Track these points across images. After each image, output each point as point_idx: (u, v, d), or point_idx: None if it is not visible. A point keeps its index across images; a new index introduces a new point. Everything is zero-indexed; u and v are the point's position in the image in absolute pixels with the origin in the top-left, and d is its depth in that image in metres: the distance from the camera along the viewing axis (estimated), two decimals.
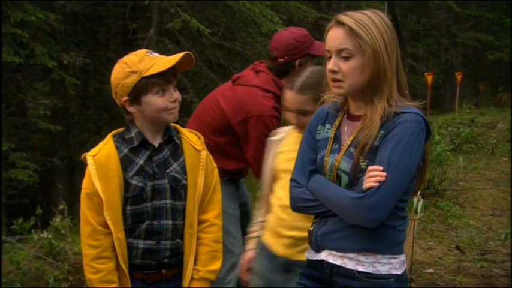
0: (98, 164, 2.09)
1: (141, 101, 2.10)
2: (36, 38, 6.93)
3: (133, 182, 2.11)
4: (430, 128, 1.95)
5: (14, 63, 6.42)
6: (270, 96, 2.90)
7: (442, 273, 4.71)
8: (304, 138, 2.13)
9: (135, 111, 2.13)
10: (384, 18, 1.94)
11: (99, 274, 2.09)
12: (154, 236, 2.15)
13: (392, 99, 1.92)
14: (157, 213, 2.15)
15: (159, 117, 2.13)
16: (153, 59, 2.10)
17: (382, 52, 1.88)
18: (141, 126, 2.15)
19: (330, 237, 2.00)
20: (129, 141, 2.14)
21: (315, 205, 2.02)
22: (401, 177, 1.85)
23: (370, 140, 1.88)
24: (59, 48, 7.56)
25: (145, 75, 2.07)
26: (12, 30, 6.36)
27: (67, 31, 8.38)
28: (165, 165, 2.17)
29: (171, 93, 2.13)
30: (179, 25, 7.06)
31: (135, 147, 2.14)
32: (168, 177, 2.16)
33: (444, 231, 5.82)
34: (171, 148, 2.20)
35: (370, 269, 1.94)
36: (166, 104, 2.12)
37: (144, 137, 2.14)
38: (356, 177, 1.91)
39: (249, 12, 7.51)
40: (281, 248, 2.40)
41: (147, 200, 2.13)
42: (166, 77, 2.10)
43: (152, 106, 2.10)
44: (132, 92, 2.09)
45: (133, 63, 2.08)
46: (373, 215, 1.85)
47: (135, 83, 2.07)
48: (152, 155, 2.16)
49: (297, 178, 2.07)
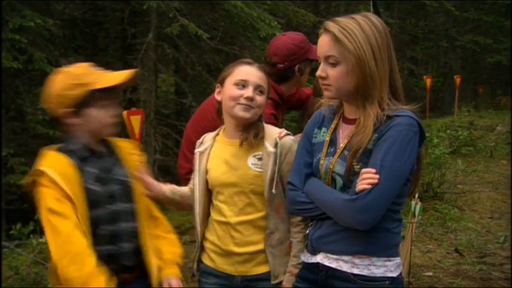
0: (59, 172, 2.04)
1: (85, 113, 2.11)
2: (35, 44, 6.94)
3: (93, 188, 2.12)
4: (424, 132, 1.96)
5: (13, 68, 6.43)
6: (268, 103, 2.90)
7: (440, 276, 4.71)
8: (300, 142, 2.15)
9: (78, 123, 2.13)
10: (375, 22, 1.94)
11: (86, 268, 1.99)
12: (114, 241, 2.16)
13: (384, 103, 1.92)
14: (114, 217, 2.16)
15: (101, 130, 2.17)
16: (100, 74, 2.14)
17: (368, 58, 1.88)
18: (82, 137, 2.16)
19: (326, 240, 2.01)
20: (76, 152, 2.13)
21: (310, 208, 2.04)
22: (394, 180, 1.86)
23: (363, 145, 1.89)
24: (58, 53, 7.58)
25: (92, 89, 2.08)
26: (11, 36, 6.37)
27: (66, 36, 8.40)
28: (112, 171, 2.20)
29: (114, 108, 2.17)
30: (177, 30, 7.07)
31: (85, 157, 2.15)
32: (118, 182, 2.19)
33: (443, 234, 5.82)
34: (112, 155, 2.24)
35: (365, 272, 1.95)
36: (109, 118, 2.16)
37: (90, 147, 2.17)
38: (350, 180, 1.93)
39: (247, 16, 7.52)
40: (234, 266, 2.23)
41: (102, 206, 2.14)
42: (113, 92, 2.13)
43: (96, 119, 2.13)
44: (77, 104, 2.09)
45: (79, 76, 2.09)
46: (366, 217, 1.86)
47: (81, 95, 2.08)
48: (100, 163, 2.18)
49: (293, 181, 2.09)
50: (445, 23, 20.64)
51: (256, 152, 2.22)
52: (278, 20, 8.34)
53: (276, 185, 2.19)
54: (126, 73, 2.15)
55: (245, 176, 2.20)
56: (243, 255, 2.22)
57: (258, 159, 2.21)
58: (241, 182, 2.20)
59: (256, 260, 2.22)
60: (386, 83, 1.92)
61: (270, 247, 2.22)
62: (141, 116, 5.70)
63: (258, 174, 2.19)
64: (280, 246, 2.23)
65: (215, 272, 2.27)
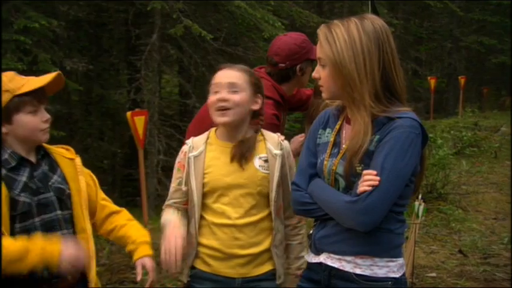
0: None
1: (12, 120, 2.08)
2: (40, 45, 6.96)
3: (21, 199, 2.06)
4: (426, 133, 1.96)
5: (17, 69, 6.45)
6: (270, 103, 2.89)
7: (444, 277, 4.70)
8: (306, 142, 2.17)
9: (6, 131, 2.09)
10: (365, 24, 1.94)
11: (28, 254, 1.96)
12: None
13: (366, 106, 1.91)
14: (49, 226, 2.11)
15: (32, 136, 2.12)
16: (24, 79, 2.10)
17: (345, 63, 1.90)
18: (12, 145, 2.12)
19: (328, 240, 2.02)
20: (5, 162, 2.09)
21: (314, 208, 2.05)
22: (395, 182, 1.86)
23: (359, 150, 1.90)
24: (62, 54, 7.60)
25: (18, 94, 2.05)
26: (15, 37, 6.39)
27: (70, 37, 8.42)
28: (46, 179, 2.15)
29: (43, 113, 2.13)
30: (181, 31, 7.09)
31: (14, 166, 2.10)
32: (53, 189, 2.15)
33: (447, 235, 5.82)
34: (47, 162, 2.19)
35: (367, 272, 1.95)
36: (39, 123, 2.11)
37: (20, 155, 2.12)
38: (351, 181, 1.93)
39: (251, 17, 7.53)
40: (235, 269, 2.21)
41: (34, 216, 2.09)
42: (39, 96, 2.10)
43: (25, 126, 2.09)
44: (4, 111, 2.06)
45: (4, 83, 2.06)
46: (366, 218, 1.87)
47: (6, 101, 2.05)
48: (32, 171, 2.14)
49: (297, 181, 2.10)
50: (449, 24, 20.61)
51: (261, 154, 2.23)
52: (282, 20, 8.35)
53: (280, 187, 2.23)
54: (49, 76, 2.12)
55: (253, 177, 2.20)
56: (246, 257, 2.21)
57: (264, 161, 2.22)
58: (250, 183, 2.19)
59: (258, 261, 2.23)
60: (369, 87, 1.91)
61: (275, 247, 2.24)
62: (145, 116, 5.73)
63: (265, 175, 2.21)
64: (280, 247, 2.28)
65: (211, 276, 2.24)
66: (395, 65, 1.96)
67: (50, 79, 2.10)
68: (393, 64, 1.95)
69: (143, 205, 5.71)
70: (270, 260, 2.25)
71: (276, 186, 2.21)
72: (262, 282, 2.24)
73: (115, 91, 8.31)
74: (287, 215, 2.30)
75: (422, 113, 16.82)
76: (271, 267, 2.25)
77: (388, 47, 1.94)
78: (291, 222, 2.31)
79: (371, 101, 1.90)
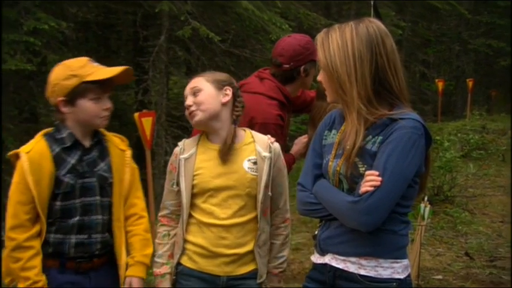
0: (31, 161, 2.18)
1: (76, 103, 2.22)
2: (49, 46, 7.02)
3: (65, 179, 2.22)
4: (430, 134, 1.97)
5: (27, 70, 6.51)
6: (274, 104, 2.92)
7: (450, 280, 4.71)
8: (312, 143, 2.20)
9: (69, 112, 2.24)
10: (360, 29, 1.96)
11: (20, 262, 2.18)
12: (85, 231, 2.27)
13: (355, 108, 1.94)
14: (87, 209, 2.27)
15: (90, 121, 2.26)
16: (95, 67, 2.24)
17: (336, 66, 1.94)
18: (72, 127, 2.26)
19: (333, 241, 2.04)
20: (60, 141, 2.25)
21: (318, 209, 2.07)
22: (397, 182, 1.88)
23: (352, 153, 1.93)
24: (71, 55, 7.63)
25: (85, 80, 2.19)
26: (25, 38, 6.44)
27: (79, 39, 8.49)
28: (94, 164, 2.30)
29: (105, 102, 2.27)
30: (189, 32, 7.11)
31: (67, 147, 2.24)
32: (97, 176, 2.29)
33: (453, 237, 5.82)
34: (98, 149, 2.33)
35: (372, 273, 1.97)
36: (99, 110, 2.25)
37: (76, 138, 2.26)
38: (354, 181, 1.95)
39: (258, 19, 7.55)
40: (220, 267, 2.27)
41: (75, 197, 2.24)
42: (104, 86, 2.23)
43: (86, 110, 2.23)
44: (70, 94, 2.20)
45: (75, 68, 2.21)
46: (368, 218, 1.89)
47: (74, 85, 2.19)
48: (82, 155, 2.28)
49: (302, 182, 2.13)
50: (457, 26, 20.55)
51: (250, 156, 2.29)
52: (289, 22, 8.35)
53: (268, 188, 2.29)
54: (118, 69, 2.25)
55: (242, 179, 2.26)
56: (231, 256, 2.27)
57: (253, 163, 2.28)
58: (239, 185, 2.25)
59: (242, 261, 2.29)
60: (359, 89, 1.93)
61: (258, 247, 2.30)
62: (153, 117, 5.74)
63: (254, 177, 2.26)
64: (264, 247, 2.33)
65: (197, 273, 2.29)
66: (392, 67, 1.97)
67: (117, 72, 2.23)
68: (388, 66, 1.96)
69: (150, 205, 5.73)
70: (254, 260, 2.31)
71: (263, 187, 2.26)
72: (246, 280, 2.30)
73: (123, 92, 8.36)
74: (273, 216, 2.37)
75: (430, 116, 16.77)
76: (255, 266, 2.32)
77: (383, 49, 1.95)
78: (274, 222, 2.38)
79: (362, 104, 1.92)
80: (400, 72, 1.99)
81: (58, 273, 2.24)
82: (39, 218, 2.21)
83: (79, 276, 2.27)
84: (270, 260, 2.37)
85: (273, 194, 2.32)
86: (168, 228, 2.36)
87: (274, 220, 2.38)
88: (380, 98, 1.96)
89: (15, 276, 2.21)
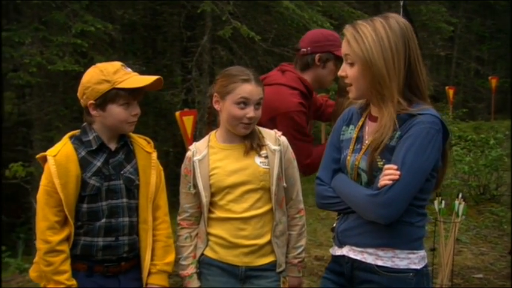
0: (58, 164, 2.22)
1: (106, 108, 2.25)
2: (95, 47, 7.28)
3: (91, 182, 2.25)
4: (447, 129, 1.99)
5: (74, 71, 6.77)
6: (296, 93, 2.94)
7: (491, 279, 4.61)
8: (330, 138, 2.23)
9: (98, 115, 2.27)
10: (391, 23, 1.98)
11: (52, 266, 2.22)
12: (113, 233, 2.29)
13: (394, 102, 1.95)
14: (114, 211, 2.29)
15: (118, 126, 2.29)
16: (127, 74, 2.26)
17: (375, 60, 1.95)
18: (99, 130, 2.29)
19: (351, 233, 2.08)
20: (87, 143, 2.28)
21: (336, 202, 2.11)
22: (415, 176, 1.90)
23: (381, 143, 1.95)
24: (117, 56, 7.89)
25: (117, 87, 2.21)
26: (73, 41, 6.71)
27: (125, 40, 8.74)
28: (120, 167, 2.31)
29: (134, 108, 2.29)
30: (229, 32, 7.23)
31: (93, 150, 2.28)
32: (123, 178, 2.31)
33: (498, 237, 5.69)
34: (125, 152, 2.34)
35: (389, 264, 1.99)
36: (128, 116, 2.27)
37: (102, 141, 2.29)
38: (373, 175, 1.98)
39: (300, 18, 7.57)
40: (239, 257, 2.35)
41: (102, 199, 2.27)
42: (134, 93, 2.25)
43: (115, 116, 2.25)
44: (100, 98, 2.23)
45: (108, 73, 2.23)
46: (387, 211, 1.91)
47: (105, 90, 2.22)
48: (108, 158, 2.30)
49: (321, 176, 2.17)
50: None
51: (261, 151, 2.35)
52: (330, 21, 8.33)
53: (281, 180, 2.35)
54: (149, 79, 2.28)
55: (256, 173, 2.32)
56: (250, 247, 2.34)
57: (264, 157, 2.34)
58: (253, 179, 2.32)
59: (261, 252, 2.35)
60: (397, 83, 1.95)
61: (275, 238, 2.36)
62: (194, 116, 5.86)
63: (266, 171, 2.33)
64: (282, 237, 2.39)
65: (218, 263, 2.37)
66: (420, 62, 2.00)
67: (147, 82, 2.26)
68: (418, 61, 1.99)
69: None
70: (273, 252, 2.37)
71: (276, 179, 2.32)
72: (264, 272, 2.36)
73: (167, 92, 8.53)
74: (287, 207, 2.42)
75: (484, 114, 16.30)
76: (274, 258, 2.37)
77: (413, 44, 1.98)
78: (290, 213, 2.43)
79: (399, 97, 1.95)
80: (424, 68, 2.02)
81: (86, 276, 2.29)
82: (67, 222, 2.24)
83: (108, 280, 2.30)
84: (289, 251, 2.43)
85: (287, 184, 2.38)
86: (189, 230, 2.42)
87: (289, 211, 2.43)
88: (410, 92, 1.99)
89: (47, 279, 2.25)
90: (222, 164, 2.35)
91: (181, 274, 2.42)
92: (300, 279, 2.48)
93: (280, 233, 2.38)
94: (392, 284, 1.98)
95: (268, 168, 2.33)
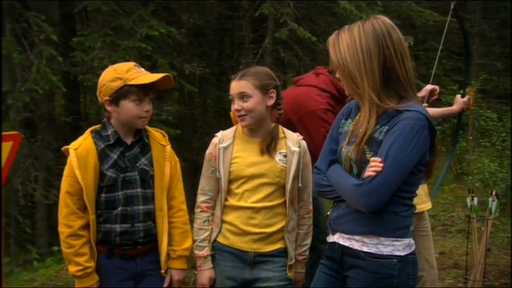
0: (79, 157, 2.45)
1: (119, 104, 2.46)
2: (159, 51, 7.62)
3: (108, 173, 2.48)
4: (433, 126, 2.09)
5: None
6: (325, 95, 3.06)
7: None
8: (330, 130, 2.38)
9: (113, 111, 2.49)
10: (366, 27, 2.10)
11: (73, 248, 2.45)
12: (128, 220, 2.51)
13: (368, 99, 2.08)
14: (129, 200, 2.50)
15: (131, 121, 2.49)
16: (139, 72, 2.47)
17: (347, 63, 2.09)
18: (115, 125, 2.51)
19: (340, 221, 2.22)
20: (105, 138, 2.50)
21: (330, 190, 2.25)
22: (397, 169, 2.02)
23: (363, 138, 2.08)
24: (182, 59, 8.22)
25: (128, 84, 2.42)
26: (138, 45, 7.09)
27: (191, 43, 9.09)
28: (135, 160, 2.53)
29: (145, 105, 2.49)
30: (285, 34, 7.37)
31: (111, 143, 2.49)
32: (138, 170, 2.52)
33: None
34: (140, 145, 2.55)
35: (373, 250, 2.12)
36: (140, 112, 2.48)
37: (119, 135, 2.51)
38: (362, 167, 2.12)
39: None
40: (249, 243, 2.52)
41: (118, 189, 2.49)
42: (145, 89, 2.45)
43: (127, 111, 2.47)
44: (114, 95, 2.44)
45: (121, 71, 2.45)
46: (368, 200, 2.04)
47: (118, 87, 2.43)
48: (124, 151, 2.52)
49: (319, 166, 2.32)
50: None
51: (281, 150, 2.52)
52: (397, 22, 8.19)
53: (296, 180, 2.52)
54: (157, 75, 2.48)
55: (273, 169, 2.50)
56: (259, 234, 2.52)
57: (283, 156, 2.52)
58: (269, 173, 2.50)
59: (270, 240, 2.52)
60: (371, 81, 2.07)
61: (287, 232, 2.54)
62: None
63: (283, 168, 2.51)
64: (293, 233, 2.57)
65: (229, 249, 2.55)
66: (399, 57, 2.09)
67: (155, 79, 2.47)
68: (395, 56, 2.08)
69: None
70: (281, 240, 2.54)
71: (292, 178, 2.49)
72: (273, 258, 2.53)
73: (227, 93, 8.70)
74: (298, 207, 2.59)
75: None
76: (282, 245, 2.54)
77: (390, 41, 2.08)
78: (300, 213, 2.61)
79: (373, 95, 2.07)
80: (408, 63, 2.11)
81: (106, 258, 2.52)
82: (86, 210, 2.45)
83: (126, 262, 2.52)
84: (295, 248, 2.61)
85: (302, 184, 2.56)
86: (207, 214, 2.61)
87: (299, 211, 2.62)
88: (389, 88, 2.10)
89: (67, 260, 2.50)
90: (244, 155, 2.53)
91: (197, 255, 2.61)
92: (303, 274, 2.67)
93: (292, 228, 2.56)
94: (376, 269, 2.10)
95: (285, 167, 2.51)
